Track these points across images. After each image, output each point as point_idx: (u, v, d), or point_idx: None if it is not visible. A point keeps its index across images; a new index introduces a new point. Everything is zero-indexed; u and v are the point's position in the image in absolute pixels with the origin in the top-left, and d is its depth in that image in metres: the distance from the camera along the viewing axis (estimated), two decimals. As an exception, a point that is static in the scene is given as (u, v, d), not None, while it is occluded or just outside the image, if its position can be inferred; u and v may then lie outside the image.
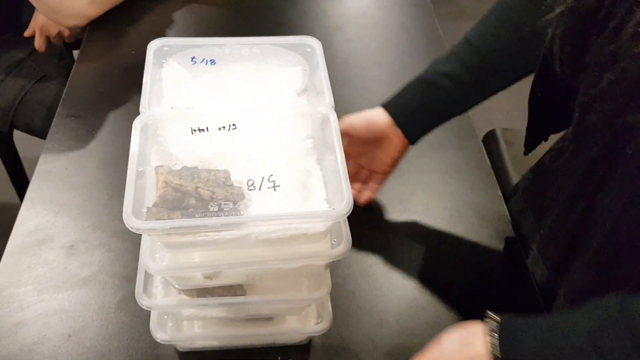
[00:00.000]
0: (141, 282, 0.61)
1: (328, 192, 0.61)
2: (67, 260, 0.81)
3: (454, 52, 0.79)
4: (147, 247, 0.58)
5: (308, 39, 0.72)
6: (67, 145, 0.97)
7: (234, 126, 0.62)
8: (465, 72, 0.77)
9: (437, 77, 0.78)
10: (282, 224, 0.55)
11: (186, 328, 0.70)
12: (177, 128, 0.63)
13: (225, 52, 0.71)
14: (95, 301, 0.77)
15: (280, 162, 0.62)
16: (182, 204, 0.57)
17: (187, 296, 0.63)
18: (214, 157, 0.62)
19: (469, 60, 0.77)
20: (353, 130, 0.81)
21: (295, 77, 0.71)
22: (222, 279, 0.61)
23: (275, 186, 0.58)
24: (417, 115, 0.80)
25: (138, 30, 1.20)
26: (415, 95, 0.80)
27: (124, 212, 0.52)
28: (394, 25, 1.26)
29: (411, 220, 0.89)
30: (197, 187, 0.58)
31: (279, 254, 0.58)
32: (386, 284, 0.80)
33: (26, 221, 0.86)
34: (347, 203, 0.53)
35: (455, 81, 0.77)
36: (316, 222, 0.56)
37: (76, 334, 0.74)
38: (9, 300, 0.77)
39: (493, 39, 0.76)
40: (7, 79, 1.30)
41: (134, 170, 0.57)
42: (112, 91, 1.07)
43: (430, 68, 0.80)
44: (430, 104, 0.79)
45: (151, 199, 0.58)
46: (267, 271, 0.61)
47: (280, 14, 1.27)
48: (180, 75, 0.70)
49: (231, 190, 0.58)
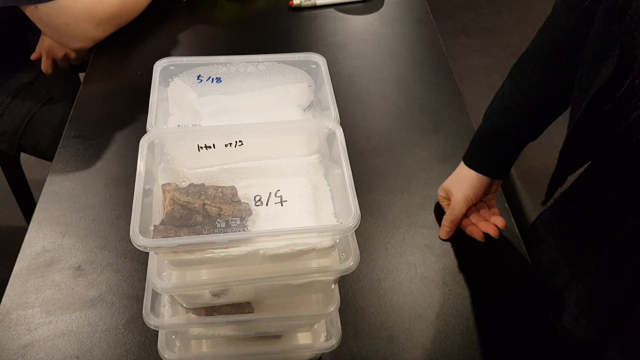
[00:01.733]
0: (148, 301, 0.61)
1: (336, 207, 0.60)
2: (75, 281, 0.81)
3: (505, 107, 0.84)
4: (155, 265, 0.58)
5: (313, 55, 0.72)
6: (74, 166, 0.97)
7: (240, 142, 0.62)
8: (524, 119, 0.84)
9: (504, 127, 0.85)
10: (289, 239, 0.54)
11: (194, 348, 0.70)
12: (183, 146, 0.63)
13: (230, 70, 0.71)
14: (103, 322, 0.77)
15: (287, 178, 0.62)
16: (189, 221, 0.56)
17: (195, 315, 0.63)
18: (221, 174, 0.62)
19: (523, 108, 0.83)
20: (471, 202, 0.89)
21: (301, 93, 0.71)
22: (230, 297, 0.61)
23: (282, 201, 0.58)
24: (501, 166, 0.89)
25: (144, 52, 1.21)
26: (491, 151, 0.88)
27: (131, 231, 0.52)
28: (397, 41, 1.26)
29: (420, 234, 0.88)
30: (205, 204, 0.57)
31: (287, 269, 0.57)
32: (395, 299, 0.80)
33: (33, 243, 0.86)
34: (354, 217, 0.53)
35: (517, 128, 0.84)
36: (324, 236, 0.55)
37: (84, 356, 0.73)
38: (17, 323, 0.77)
39: (538, 81, 0.81)
40: (14, 101, 1.31)
41: (141, 188, 0.56)
42: (118, 112, 1.07)
43: (489, 121, 0.87)
44: (506, 152, 0.88)
45: (158, 216, 0.58)
46: (275, 287, 0.60)
47: (285, 33, 1.28)
48: (187, 94, 0.70)
49: (238, 207, 0.58)
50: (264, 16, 1.32)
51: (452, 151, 1.00)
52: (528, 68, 0.81)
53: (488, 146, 0.87)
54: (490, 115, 0.86)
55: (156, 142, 0.61)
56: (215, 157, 0.63)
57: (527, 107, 0.82)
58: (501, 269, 0.85)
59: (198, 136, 0.62)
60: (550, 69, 0.78)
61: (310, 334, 0.70)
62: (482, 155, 0.88)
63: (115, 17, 1.18)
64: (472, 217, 0.89)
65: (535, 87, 0.80)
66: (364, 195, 0.93)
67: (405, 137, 1.04)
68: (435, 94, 1.12)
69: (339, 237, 0.56)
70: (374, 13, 1.33)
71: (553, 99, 0.80)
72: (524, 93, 0.81)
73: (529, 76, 0.81)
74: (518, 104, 0.82)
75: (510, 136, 0.84)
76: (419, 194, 0.94)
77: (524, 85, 0.81)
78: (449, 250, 0.86)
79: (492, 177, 0.88)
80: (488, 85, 2.39)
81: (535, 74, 0.80)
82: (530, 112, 0.82)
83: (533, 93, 0.80)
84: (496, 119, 0.85)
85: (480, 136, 0.88)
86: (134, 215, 0.53)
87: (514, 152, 0.87)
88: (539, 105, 0.81)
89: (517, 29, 2.77)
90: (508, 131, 0.84)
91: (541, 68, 0.79)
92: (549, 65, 0.78)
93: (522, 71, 0.82)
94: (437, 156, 1.00)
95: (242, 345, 0.68)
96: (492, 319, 0.78)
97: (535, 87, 0.80)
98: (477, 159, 0.88)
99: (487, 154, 0.88)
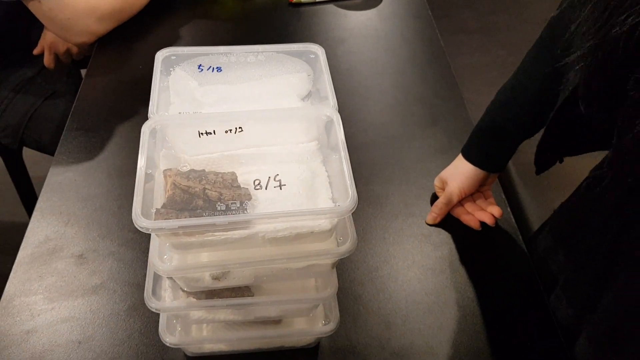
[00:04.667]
0: (150, 285, 0.62)
1: (334, 193, 0.61)
2: (77, 269, 0.82)
3: (504, 100, 0.86)
4: (156, 248, 0.59)
5: (312, 46, 0.74)
6: (77, 157, 0.98)
7: (240, 129, 0.64)
8: (523, 114, 0.84)
9: (503, 123, 0.85)
10: (288, 222, 0.56)
11: (195, 332, 0.71)
12: (184, 132, 0.64)
13: (231, 60, 0.73)
14: (105, 308, 0.78)
15: (286, 164, 0.63)
16: (190, 205, 0.58)
17: (196, 299, 0.64)
18: (221, 160, 0.63)
19: (521, 103, 0.84)
20: (465, 194, 0.90)
21: (300, 82, 0.72)
22: (230, 280, 0.62)
23: (281, 185, 0.59)
24: (498, 160, 0.90)
25: (145, 45, 1.23)
26: (488, 144, 0.89)
27: (133, 213, 0.53)
28: (395, 37, 1.28)
29: (417, 224, 0.89)
30: (205, 188, 0.59)
31: (286, 253, 0.58)
32: (392, 286, 0.81)
33: (36, 231, 0.87)
34: (351, 199, 0.54)
35: (515, 122, 0.85)
36: (322, 219, 0.56)
37: (86, 341, 0.75)
38: (20, 309, 0.78)
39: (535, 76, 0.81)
40: (17, 96, 1.33)
41: (143, 172, 0.58)
42: (120, 104, 1.08)
43: (488, 117, 0.88)
44: (504, 148, 0.89)
45: (160, 201, 0.59)
46: (274, 271, 0.61)
47: (285, 28, 1.30)
48: (188, 83, 0.71)
49: (238, 191, 0.59)
50: (264, 12, 1.34)
51: (450, 143, 1.01)
52: (529, 62, 0.81)
53: (486, 140, 0.88)
54: (490, 109, 0.87)
55: (158, 129, 0.62)
56: (216, 144, 0.64)
57: (525, 102, 0.82)
58: (498, 258, 0.86)
59: (199, 122, 0.64)
60: (549, 64, 0.78)
61: (309, 319, 0.72)
62: (479, 148, 0.89)
63: (117, 12, 1.19)
64: (468, 206, 0.90)
65: (534, 82, 0.80)
66: (363, 187, 0.94)
67: (403, 130, 1.05)
68: (433, 87, 1.14)
69: (337, 219, 0.57)
70: (372, 9, 1.35)
71: (551, 94, 0.79)
72: (524, 87, 0.81)
73: (530, 70, 0.81)
74: (516, 99, 0.83)
75: (508, 131, 0.85)
76: (417, 185, 0.95)
77: (524, 79, 0.82)
78: (446, 240, 0.87)
79: (488, 170, 0.89)
80: (487, 82, 2.40)
81: (535, 68, 0.80)
82: (528, 107, 0.82)
83: (532, 87, 0.81)
84: (495, 113, 0.86)
85: (478, 130, 0.89)
86: (136, 198, 0.55)
87: (511, 147, 0.87)
88: (536, 100, 0.81)
89: (515, 27, 2.79)
90: (506, 125, 0.85)
91: (541, 62, 0.79)
92: (547, 60, 0.78)
93: (524, 65, 0.82)
94: (435, 148, 1.01)
95: (242, 330, 0.70)
96: (488, 306, 0.80)
97: (534, 81, 0.80)
98: (475, 152, 0.89)
99: (484, 148, 0.89)
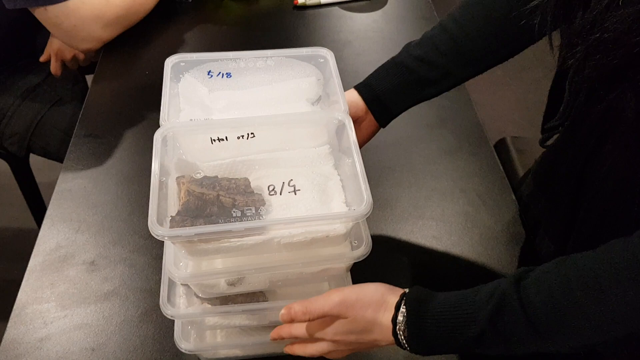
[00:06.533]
0: (165, 292, 0.62)
1: (347, 196, 0.61)
2: (89, 276, 0.82)
3: (427, 36, 0.78)
4: (172, 256, 0.59)
5: (320, 49, 0.74)
6: (86, 164, 0.98)
7: (252, 135, 0.64)
8: (437, 55, 0.76)
9: (410, 60, 0.77)
10: (304, 227, 0.56)
11: (209, 338, 0.71)
12: (196, 139, 0.64)
13: (240, 66, 0.73)
14: (118, 315, 0.78)
15: (298, 168, 0.64)
16: (204, 212, 0.58)
17: (210, 305, 0.64)
18: (234, 166, 0.63)
19: (442, 45, 0.76)
20: None
21: (310, 87, 0.72)
22: (245, 286, 0.62)
23: (295, 190, 0.59)
24: (389, 99, 0.79)
25: (151, 51, 1.23)
26: (387, 78, 0.79)
27: (149, 221, 0.53)
28: (401, 38, 1.27)
29: (428, 226, 0.89)
30: (219, 195, 0.59)
31: (300, 257, 0.58)
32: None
33: (47, 239, 0.87)
34: (367, 204, 0.54)
35: (427, 64, 0.77)
36: (337, 223, 0.56)
37: (100, 348, 0.75)
38: (33, 317, 0.78)
39: (467, 24, 0.76)
40: (23, 103, 1.33)
41: (157, 180, 0.58)
42: (127, 110, 1.08)
43: (403, 51, 0.79)
44: (402, 87, 0.78)
45: (173, 208, 0.59)
46: (289, 276, 0.61)
47: (290, 31, 1.30)
48: (198, 89, 0.71)
49: (252, 197, 0.59)
50: (268, 15, 1.34)
51: (458, 144, 1.01)
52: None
53: (384, 74, 0.80)
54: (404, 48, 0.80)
55: (169, 136, 0.62)
56: (228, 150, 0.64)
57: (441, 41, 0.77)
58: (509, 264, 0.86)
59: (211, 129, 0.64)
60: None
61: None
62: (373, 80, 0.80)
63: (122, 18, 1.19)
64: None
65: (458, 26, 0.76)
66: (372, 189, 0.91)
67: (411, 132, 1.05)
68: (440, 89, 1.13)
69: (352, 223, 0.57)
70: (378, 11, 1.35)
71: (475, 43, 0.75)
72: (444, 27, 0.77)
73: (459, 14, 0.77)
74: (432, 37, 0.78)
75: (412, 70, 0.77)
76: (427, 186, 0.95)
77: (448, 21, 0.78)
78: (456, 242, 0.87)
79: (374, 111, 0.80)
80: (491, 82, 2.39)
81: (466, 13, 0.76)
82: (442, 46, 0.76)
83: (452, 30, 0.76)
84: (404, 52, 0.79)
85: (387, 66, 0.80)
86: (151, 206, 0.55)
87: (412, 95, 0.79)
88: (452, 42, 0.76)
89: (519, 26, 2.77)
90: (418, 67, 0.77)
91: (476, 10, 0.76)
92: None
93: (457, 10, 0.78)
94: (444, 150, 1.01)
95: (256, 334, 0.69)
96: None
97: (459, 26, 0.76)
98: (371, 88, 0.80)
99: (383, 85, 0.79)
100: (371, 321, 0.58)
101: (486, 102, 0.96)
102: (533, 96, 2.11)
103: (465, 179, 0.96)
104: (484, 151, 1.01)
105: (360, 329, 0.59)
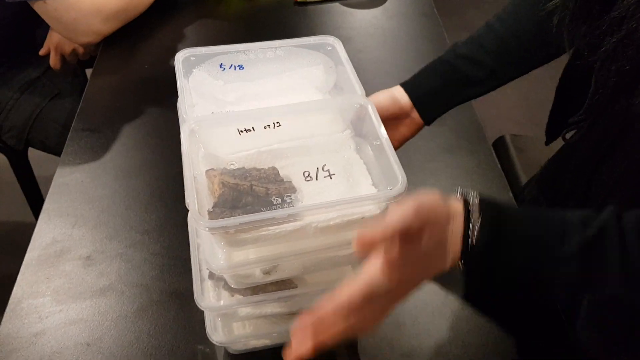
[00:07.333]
0: (198, 286, 0.61)
1: (373, 178, 0.62)
2: (85, 270, 0.82)
3: (474, 36, 0.79)
4: (209, 248, 0.59)
5: (327, 37, 0.73)
6: (83, 158, 0.98)
7: (278, 124, 0.64)
8: (483, 55, 0.77)
9: (456, 59, 0.79)
10: (341, 210, 0.56)
11: (237, 330, 0.70)
12: (221, 131, 0.64)
13: (250, 57, 0.73)
14: (113, 310, 0.78)
15: (324, 155, 0.64)
16: (239, 203, 0.57)
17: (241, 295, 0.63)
18: (259, 156, 0.63)
19: (488, 44, 0.77)
20: (378, 105, 0.78)
21: (321, 74, 0.72)
22: (280, 273, 0.62)
23: (330, 175, 0.60)
24: (434, 97, 0.81)
25: (151, 46, 1.22)
26: (434, 77, 0.80)
27: (191, 214, 0.53)
28: (402, 35, 1.27)
29: (426, 225, 0.89)
30: (252, 184, 0.58)
31: (335, 241, 0.58)
32: (402, 287, 0.80)
33: (44, 233, 0.87)
34: (402, 183, 0.54)
35: (473, 64, 0.78)
36: (375, 204, 0.57)
37: (95, 343, 0.74)
38: (28, 312, 0.78)
39: (513, 23, 0.77)
40: (22, 97, 1.33)
41: (191, 175, 0.57)
42: (126, 105, 1.08)
43: (450, 50, 0.81)
44: (448, 86, 0.80)
45: (204, 201, 0.58)
46: (322, 260, 0.61)
47: (291, 27, 1.29)
48: (210, 83, 0.71)
49: (283, 185, 0.59)
50: (269, 11, 1.33)
51: (458, 142, 1.01)
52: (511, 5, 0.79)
53: (430, 73, 0.81)
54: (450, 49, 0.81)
55: (195, 129, 0.62)
56: (253, 140, 0.64)
57: (487, 40, 0.78)
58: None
59: (237, 121, 0.64)
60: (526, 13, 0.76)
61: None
62: (419, 78, 0.82)
63: (122, 11, 1.19)
64: None
65: (504, 25, 0.77)
66: None
67: (410, 129, 1.04)
68: (440, 86, 1.13)
69: (385, 204, 0.57)
70: (378, 7, 1.34)
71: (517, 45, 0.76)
72: (490, 27, 0.78)
73: (505, 14, 0.78)
74: (478, 37, 0.79)
75: (458, 68, 0.78)
76: (426, 184, 0.94)
77: (494, 21, 0.79)
78: (455, 240, 0.87)
79: (419, 108, 0.80)
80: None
81: (510, 13, 0.78)
82: (488, 47, 0.77)
83: (498, 29, 0.77)
84: (451, 51, 0.81)
85: (434, 65, 0.82)
86: (190, 200, 0.54)
87: (457, 94, 0.80)
88: (498, 43, 0.77)
89: (521, 25, 2.77)
90: (464, 66, 0.78)
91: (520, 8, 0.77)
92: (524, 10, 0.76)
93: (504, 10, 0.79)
94: (443, 147, 1.01)
95: (283, 323, 0.69)
96: (498, 306, 0.79)
97: (505, 25, 0.77)
98: (417, 86, 0.81)
99: (429, 83, 0.81)
100: (445, 233, 0.47)
101: (485, 100, 0.95)
102: (533, 94, 2.10)
103: (463, 177, 0.96)
104: (482, 150, 1.00)
105: (433, 245, 0.47)
